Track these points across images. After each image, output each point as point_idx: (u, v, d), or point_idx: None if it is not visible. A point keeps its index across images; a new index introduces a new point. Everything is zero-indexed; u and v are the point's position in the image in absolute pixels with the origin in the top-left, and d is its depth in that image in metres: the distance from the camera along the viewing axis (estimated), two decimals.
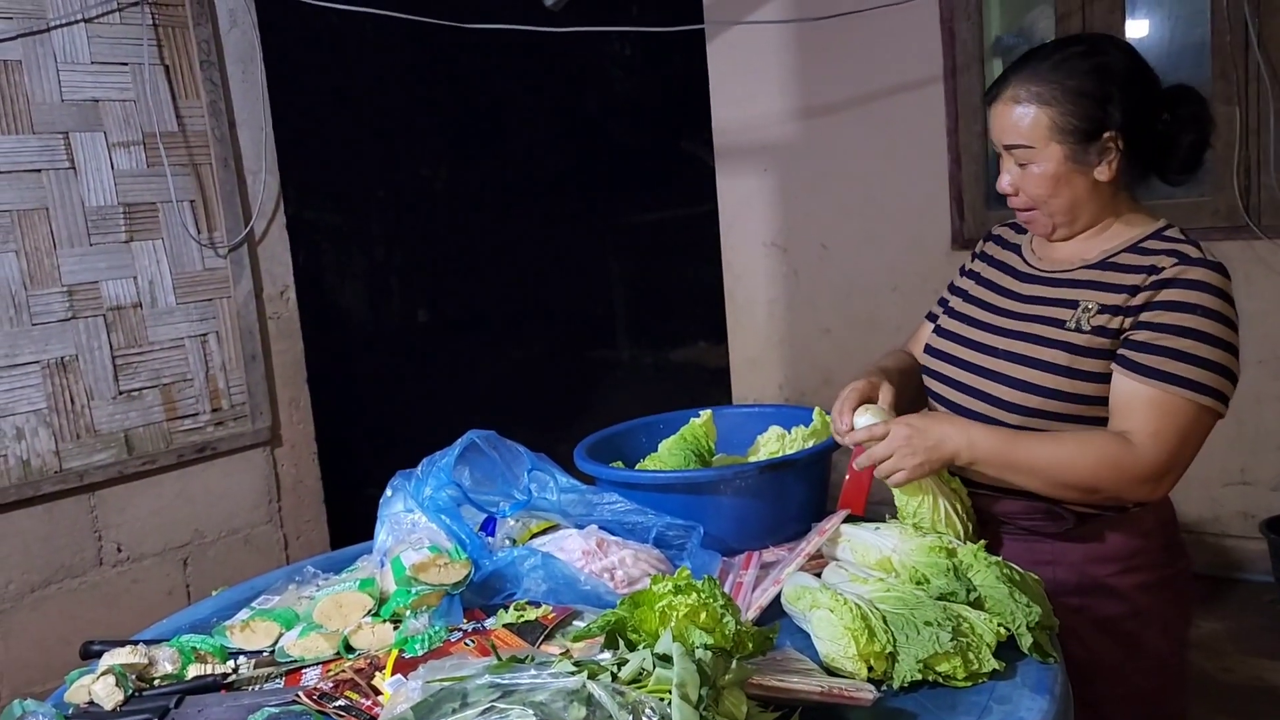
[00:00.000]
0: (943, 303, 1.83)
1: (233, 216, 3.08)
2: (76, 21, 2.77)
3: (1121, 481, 1.46)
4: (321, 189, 5.01)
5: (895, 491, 1.56)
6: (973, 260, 1.81)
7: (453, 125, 7.73)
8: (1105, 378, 1.50)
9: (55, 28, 2.73)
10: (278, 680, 1.43)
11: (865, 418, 1.57)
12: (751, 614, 1.43)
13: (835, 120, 4.30)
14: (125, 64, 2.86)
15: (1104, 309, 1.50)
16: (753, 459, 1.86)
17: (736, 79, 4.53)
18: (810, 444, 1.78)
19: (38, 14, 2.71)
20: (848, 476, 1.61)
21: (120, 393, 2.88)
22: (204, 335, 3.04)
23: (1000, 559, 1.37)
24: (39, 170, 2.73)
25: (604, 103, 8.48)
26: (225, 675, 1.43)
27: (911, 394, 1.75)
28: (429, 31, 3.29)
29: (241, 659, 1.49)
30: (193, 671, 1.43)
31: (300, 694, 1.31)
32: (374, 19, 3.18)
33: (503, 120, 7.92)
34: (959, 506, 1.57)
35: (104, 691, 1.36)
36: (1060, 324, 1.54)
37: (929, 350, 1.75)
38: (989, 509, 1.62)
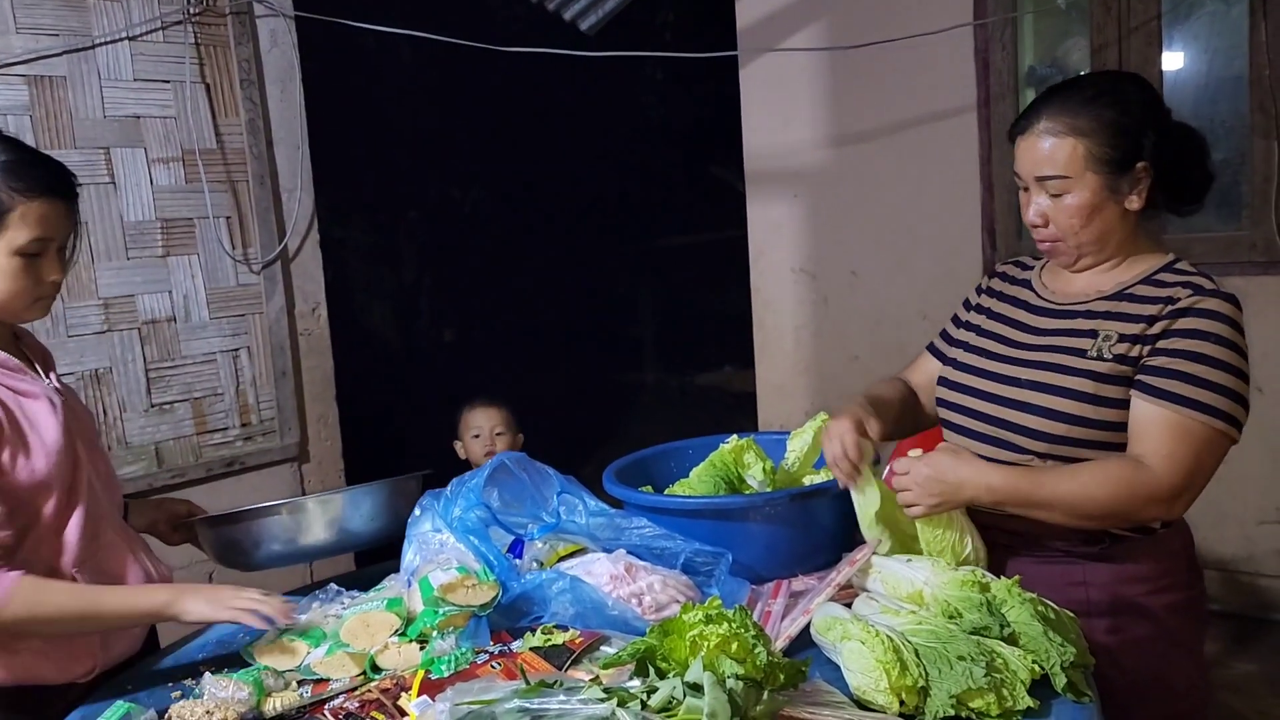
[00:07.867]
0: (944, 335, 1.84)
1: (267, 234, 3.11)
2: (121, 39, 2.81)
3: (1137, 503, 1.49)
4: (354, 208, 5.05)
5: (919, 523, 1.56)
6: (979, 295, 1.83)
7: (484, 147, 7.79)
8: (1128, 404, 1.53)
9: (100, 45, 2.78)
10: (304, 690, 1.44)
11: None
12: (780, 644, 1.42)
13: (867, 148, 4.29)
14: (167, 81, 2.90)
15: (1124, 338, 1.54)
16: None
17: (769, 105, 4.54)
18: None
19: (83, 31, 2.75)
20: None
21: (152, 406, 2.90)
22: (235, 350, 3.06)
23: (1035, 595, 1.36)
24: (80, 185, 2.76)
25: (635, 127, 8.51)
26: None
27: (907, 423, 1.81)
28: (463, 54, 3.32)
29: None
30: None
31: (328, 714, 1.31)
32: (410, 41, 3.21)
33: (534, 143, 7.97)
34: (977, 538, 1.58)
35: None
36: (1082, 353, 1.57)
37: (945, 383, 1.76)
38: (1020, 529, 1.61)
